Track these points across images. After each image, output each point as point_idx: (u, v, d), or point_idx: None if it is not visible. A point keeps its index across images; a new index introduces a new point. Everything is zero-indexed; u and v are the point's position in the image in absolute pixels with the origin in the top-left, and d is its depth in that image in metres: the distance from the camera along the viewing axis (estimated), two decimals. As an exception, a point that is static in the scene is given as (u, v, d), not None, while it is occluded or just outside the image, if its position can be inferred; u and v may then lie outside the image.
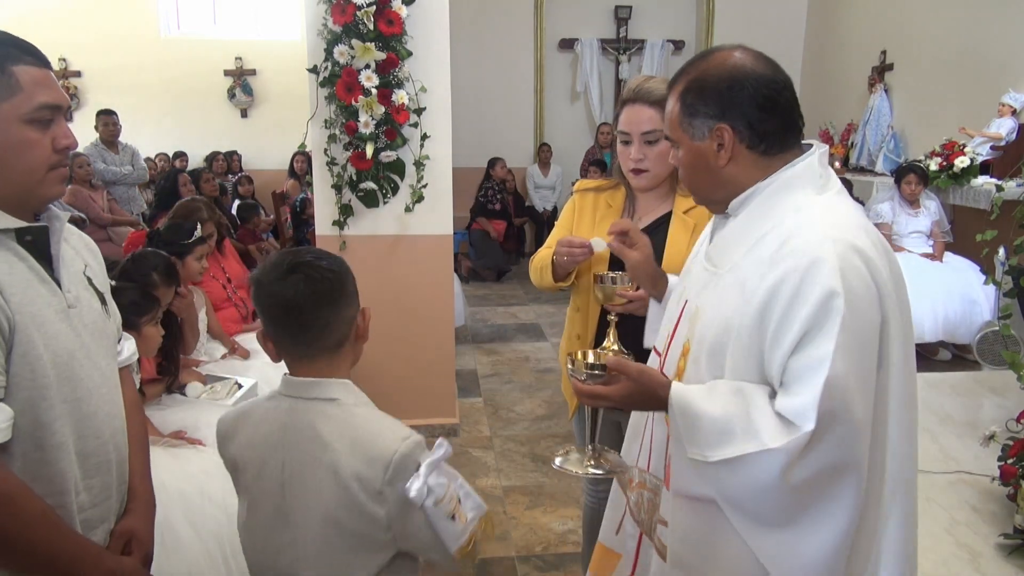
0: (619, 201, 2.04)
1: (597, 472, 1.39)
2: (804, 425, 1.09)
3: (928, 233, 5.31)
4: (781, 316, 1.13)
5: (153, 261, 2.62)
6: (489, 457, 3.77)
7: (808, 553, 1.15)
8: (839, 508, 1.13)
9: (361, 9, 3.33)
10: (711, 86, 1.24)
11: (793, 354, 1.12)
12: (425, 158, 3.63)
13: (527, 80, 8.88)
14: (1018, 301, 2.35)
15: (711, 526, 1.24)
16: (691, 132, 1.27)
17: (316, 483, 1.26)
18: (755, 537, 1.19)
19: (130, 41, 8.45)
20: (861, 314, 1.12)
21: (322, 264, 1.29)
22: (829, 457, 1.11)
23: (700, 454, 1.18)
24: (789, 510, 1.15)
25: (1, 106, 1.16)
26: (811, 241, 1.15)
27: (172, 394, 2.74)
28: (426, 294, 3.88)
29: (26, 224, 1.22)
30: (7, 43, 1.18)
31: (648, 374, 1.27)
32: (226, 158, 8.43)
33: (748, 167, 1.26)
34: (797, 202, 1.22)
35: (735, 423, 1.15)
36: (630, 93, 1.90)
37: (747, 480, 1.14)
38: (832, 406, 1.09)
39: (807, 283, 1.11)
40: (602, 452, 1.41)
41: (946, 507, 1.85)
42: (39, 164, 1.20)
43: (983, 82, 5.83)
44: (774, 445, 1.10)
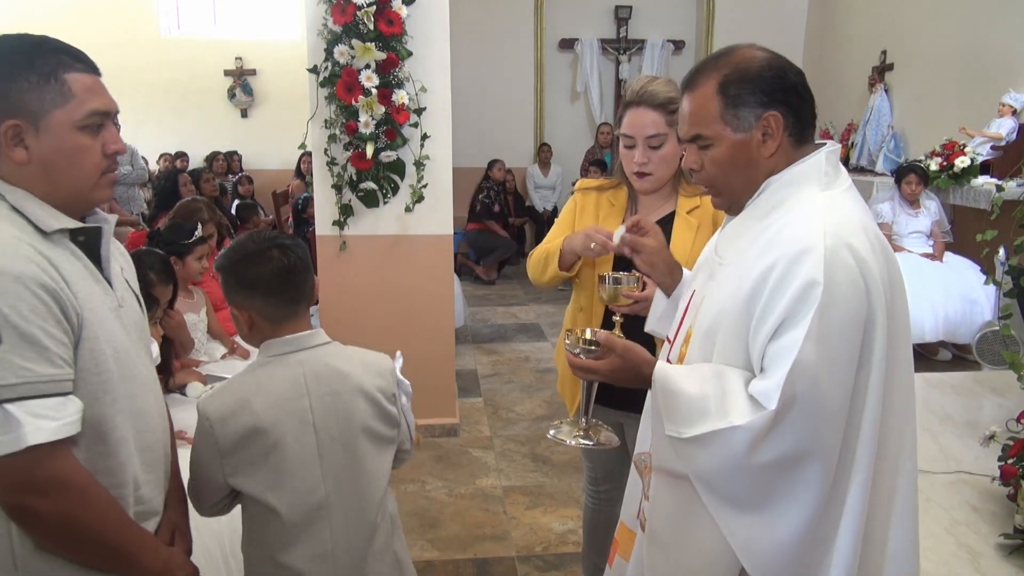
0: (622, 200, 2.03)
1: (586, 443, 1.44)
2: (768, 405, 1.12)
3: (928, 233, 5.31)
4: (765, 302, 1.17)
5: (149, 260, 2.62)
6: (489, 457, 3.77)
7: (772, 538, 1.18)
8: (803, 494, 1.16)
9: (361, 9, 3.33)
10: (755, 74, 1.24)
11: (771, 339, 1.16)
12: (425, 158, 3.63)
13: (527, 80, 8.88)
14: (1018, 301, 2.35)
15: (688, 504, 1.27)
16: (735, 124, 1.25)
17: (349, 407, 1.53)
18: (725, 518, 1.22)
19: (130, 41, 8.44)
20: (841, 308, 1.13)
21: (288, 240, 1.54)
22: (792, 440, 1.14)
23: (676, 431, 1.23)
24: (755, 492, 1.18)
25: (55, 113, 1.18)
26: (804, 232, 1.17)
27: (171, 394, 2.74)
28: (426, 294, 3.88)
29: (82, 225, 1.25)
30: (59, 50, 1.20)
31: (633, 351, 1.32)
32: (226, 158, 8.43)
33: (783, 157, 1.27)
34: (800, 196, 1.24)
35: (710, 402, 1.19)
36: (634, 96, 1.89)
37: (715, 457, 1.19)
38: (797, 390, 1.12)
39: (791, 271, 1.14)
40: (593, 425, 1.46)
41: (946, 507, 1.85)
42: (91, 169, 1.23)
43: (983, 82, 5.83)
44: (739, 422, 1.14)
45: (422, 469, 3.63)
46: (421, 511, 3.25)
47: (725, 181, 1.30)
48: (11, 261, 1.11)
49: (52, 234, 1.19)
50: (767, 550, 1.19)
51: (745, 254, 1.25)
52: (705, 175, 1.32)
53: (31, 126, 1.17)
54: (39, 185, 1.19)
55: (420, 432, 1.67)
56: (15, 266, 1.11)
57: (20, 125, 1.16)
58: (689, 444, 1.21)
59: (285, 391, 1.49)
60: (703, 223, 1.91)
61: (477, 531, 3.10)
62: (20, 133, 1.16)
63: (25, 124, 1.16)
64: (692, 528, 1.27)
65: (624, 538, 1.60)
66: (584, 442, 1.44)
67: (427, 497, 3.37)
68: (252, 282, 1.49)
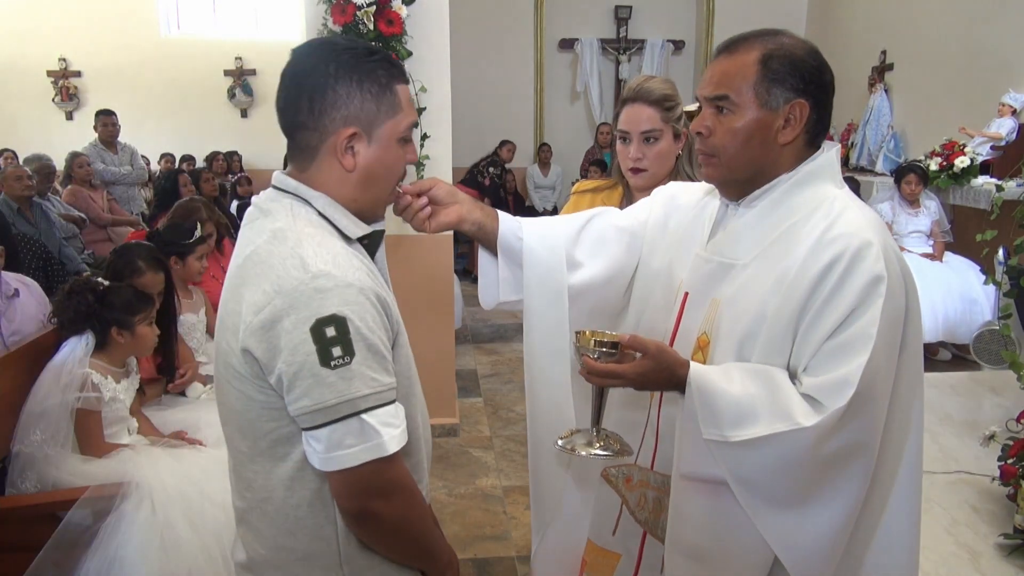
0: (615, 201, 2.04)
1: (604, 454, 1.32)
2: (836, 402, 1.11)
3: (928, 233, 5.31)
4: (826, 298, 1.15)
5: (136, 250, 2.62)
6: (489, 457, 3.77)
7: (813, 533, 1.17)
8: (850, 486, 1.16)
9: (361, 9, 3.33)
10: (801, 58, 1.23)
11: (831, 336, 1.14)
12: (425, 158, 3.63)
13: (527, 80, 8.88)
14: (1016, 302, 2.34)
15: (719, 509, 1.24)
16: (764, 99, 1.22)
17: None
18: (763, 518, 1.20)
19: (130, 41, 8.44)
20: (895, 301, 1.16)
21: None
22: (854, 436, 1.14)
23: (719, 435, 1.18)
24: (802, 489, 1.17)
25: (387, 124, 1.19)
26: (857, 227, 1.17)
27: (169, 395, 2.74)
28: (426, 294, 3.87)
29: (373, 229, 1.27)
30: (389, 60, 1.22)
31: (667, 352, 1.24)
32: (226, 158, 8.42)
33: (794, 152, 1.26)
34: (820, 194, 1.23)
35: (758, 404, 1.16)
36: (630, 92, 1.91)
37: (770, 459, 1.16)
38: (867, 387, 1.12)
39: (855, 266, 1.14)
40: (608, 435, 1.36)
41: (946, 507, 1.85)
42: (395, 180, 1.27)
43: (983, 82, 5.83)
44: (807, 423, 1.12)
45: (422, 469, 3.63)
46: (421, 511, 3.25)
47: (733, 153, 1.25)
48: (353, 273, 1.11)
49: (353, 241, 1.21)
50: (807, 546, 1.18)
51: (778, 255, 1.22)
52: (715, 141, 1.26)
53: (365, 135, 1.18)
54: (349, 192, 1.20)
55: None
56: (357, 278, 1.11)
57: (358, 133, 1.17)
58: (738, 448, 1.17)
59: None
60: None
61: (477, 531, 3.10)
62: (355, 141, 1.17)
63: (361, 132, 1.17)
64: (721, 536, 1.25)
65: (595, 559, 1.56)
66: (602, 453, 1.32)
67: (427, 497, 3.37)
68: None
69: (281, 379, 1.08)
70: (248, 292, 1.11)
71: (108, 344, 2.30)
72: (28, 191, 4.61)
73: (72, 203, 5.49)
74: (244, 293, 1.12)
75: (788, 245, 1.21)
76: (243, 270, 1.15)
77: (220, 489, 2.23)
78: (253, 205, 1.24)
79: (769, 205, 1.26)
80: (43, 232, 4.54)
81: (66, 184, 5.73)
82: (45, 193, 5.16)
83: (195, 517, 2.15)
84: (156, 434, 2.43)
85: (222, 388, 1.21)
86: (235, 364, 1.14)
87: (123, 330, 2.28)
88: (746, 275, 1.25)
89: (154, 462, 2.21)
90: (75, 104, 8.58)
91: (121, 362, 2.35)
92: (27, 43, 8.30)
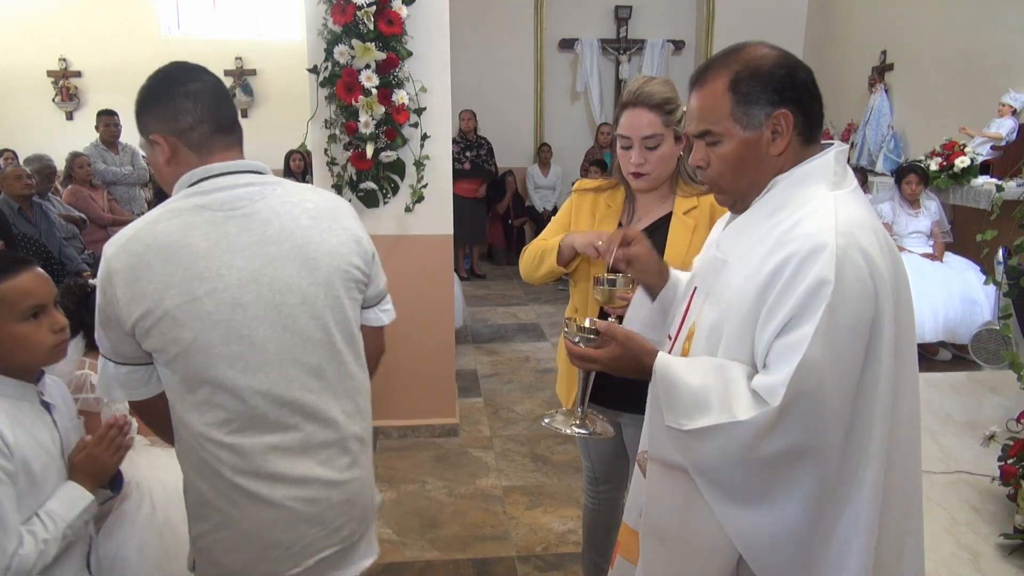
0: (619, 201, 2.03)
1: (582, 432, 1.43)
2: (772, 401, 1.13)
3: (928, 233, 5.31)
4: (775, 298, 1.17)
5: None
6: (489, 457, 3.77)
7: (770, 532, 1.19)
8: (800, 490, 1.17)
9: (361, 9, 3.33)
10: (767, 72, 1.23)
11: (778, 336, 1.16)
12: (425, 158, 3.63)
13: (527, 80, 8.88)
14: (1016, 302, 2.34)
15: (685, 496, 1.27)
16: (745, 121, 1.24)
17: None
18: (723, 510, 1.22)
19: (130, 41, 8.44)
20: (850, 307, 1.13)
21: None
22: (793, 436, 1.14)
23: (676, 422, 1.23)
24: (754, 486, 1.19)
25: None
26: (816, 230, 1.17)
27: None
28: (426, 294, 3.87)
29: None
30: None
31: (634, 340, 1.32)
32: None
33: (793, 153, 1.27)
34: (809, 195, 1.24)
35: (712, 395, 1.19)
36: (630, 96, 1.89)
37: (716, 450, 1.19)
38: (803, 388, 1.12)
39: (803, 269, 1.15)
40: (590, 415, 1.45)
41: (946, 507, 1.85)
42: None
43: (983, 82, 5.83)
44: (743, 417, 1.15)
45: (422, 469, 3.63)
46: (421, 511, 3.25)
47: (732, 179, 1.29)
48: None
49: None
50: (765, 542, 1.20)
51: (752, 251, 1.25)
52: (712, 172, 1.30)
53: None
54: None
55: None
56: None
57: None
58: (689, 436, 1.21)
59: None
60: (700, 223, 1.91)
61: (477, 531, 3.10)
62: None
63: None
64: (690, 519, 1.27)
65: (627, 539, 1.59)
66: (580, 431, 1.44)
67: (427, 497, 3.37)
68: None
69: (374, 279, 1.54)
70: (351, 227, 1.48)
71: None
72: (28, 190, 4.61)
73: (72, 203, 5.50)
74: (342, 230, 1.45)
75: (763, 242, 1.24)
76: (322, 217, 1.43)
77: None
78: (244, 188, 1.37)
79: (762, 204, 1.29)
80: (43, 232, 4.54)
81: (66, 184, 5.73)
82: (45, 193, 5.16)
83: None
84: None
85: (316, 317, 1.39)
86: (355, 278, 1.46)
87: None
88: (729, 269, 1.30)
89: (154, 462, 2.21)
90: (75, 104, 8.58)
91: (120, 362, 2.34)
92: (27, 43, 8.30)
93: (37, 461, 1.43)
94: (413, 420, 3.97)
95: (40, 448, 1.45)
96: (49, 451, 1.48)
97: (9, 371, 1.46)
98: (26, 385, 1.49)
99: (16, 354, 1.45)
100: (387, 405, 3.86)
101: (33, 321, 1.46)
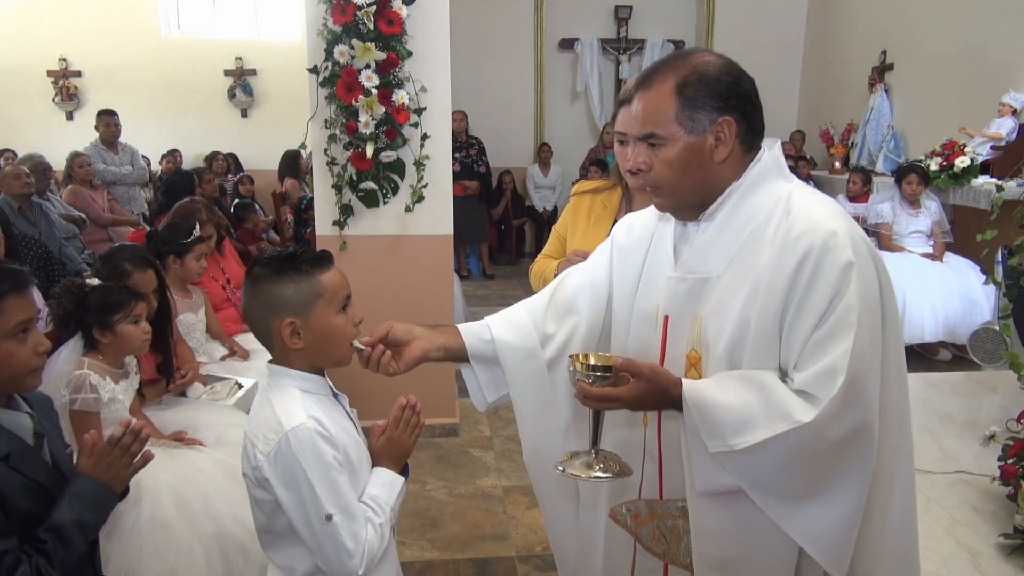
0: (615, 202, 2.07)
1: (604, 476, 1.31)
2: (828, 392, 1.13)
3: (928, 233, 5.32)
4: (803, 294, 1.17)
5: (121, 252, 2.61)
6: (489, 457, 3.77)
7: (834, 519, 1.19)
8: (858, 466, 1.18)
9: (361, 9, 3.33)
10: (713, 78, 1.24)
11: (815, 329, 1.16)
12: (425, 158, 3.63)
13: (527, 80, 8.88)
14: (1014, 309, 2.34)
15: (740, 517, 1.25)
16: (689, 126, 1.24)
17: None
18: (784, 516, 1.21)
19: (130, 41, 8.44)
20: (868, 283, 1.18)
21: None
22: (854, 419, 1.16)
23: (724, 445, 1.19)
24: (818, 478, 1.19)
25: None
26: (818, 219, 1.20)
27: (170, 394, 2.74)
28: (426, 294, 3.87)
29: None
30: None
31: (660, 372, 1.25)
32: (225, 159, 8.41)
33: (734, 163, 1.27)
34: (774, 192, 1.26)
35: (753, 408, 1.17)
36: (626, 93, 1.90)
37: (779, 459, 1.17)
38: (856, 370, 1.14)
39: (826, 258, 1.16)
40: (608, 456, 1.34)
41: (946, 507, 1.85)
42: None
43: (983, 82, 5.83)
44: (806, 419, 1.14)
45: (422, 469, 3.63)
46: (421, 511, 3.25)
47: (675, 183, 1.28)
48: None
49: None
50: (833, 532, 1.20)
51: (748, 261, 1.24)
52: (653, 176, 1.29)
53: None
54: None
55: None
56: None
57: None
58: (744, 454, 1.18)
59: None
60: None
61: (477, 531, 3.10)
62: None
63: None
64: (746, 543, 1.26)
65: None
66: (602, 475, 1.30)
67: (427, 497, 3.37)
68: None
69: None
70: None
71: (97, 345, 2.28)
72: (27, 189, 4.62)
73: (72, 203, 5.49)
74: None
75: (755, 249, 1.23)
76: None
77: (219, 489, 2.23)
78: None
79: (727, 214, 1.28)
80: (43, 232, 4.54)
81: (67, 184, 5.73)
82: (44, 191, 5.16)
83: (193, 518, 2.15)
84: (156, 435, 2.42)
85: None
86: None
87: (104, 330, 2.26)
88: (721, 286, 1.27)
89: (153, 462, 2.21)
90: (75, 104, 8.58)
91: (118, 362, 2.34)
92: (27, 43, 8.30)
93: (353, 450, 1.45)
94: (413, 420, 3.96)
95: (350, 438, 1.46)
96: (357, 440, 1.50)
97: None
98: (322, 379, 1.49)
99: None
100: (387, 405, 3.85)
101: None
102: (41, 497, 1.40)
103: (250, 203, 6.74)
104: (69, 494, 1.42)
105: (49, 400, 1.62)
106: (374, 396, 1.59)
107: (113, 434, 1.47)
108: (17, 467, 1.36)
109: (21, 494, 1.36)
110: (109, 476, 1.46)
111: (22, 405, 1.46)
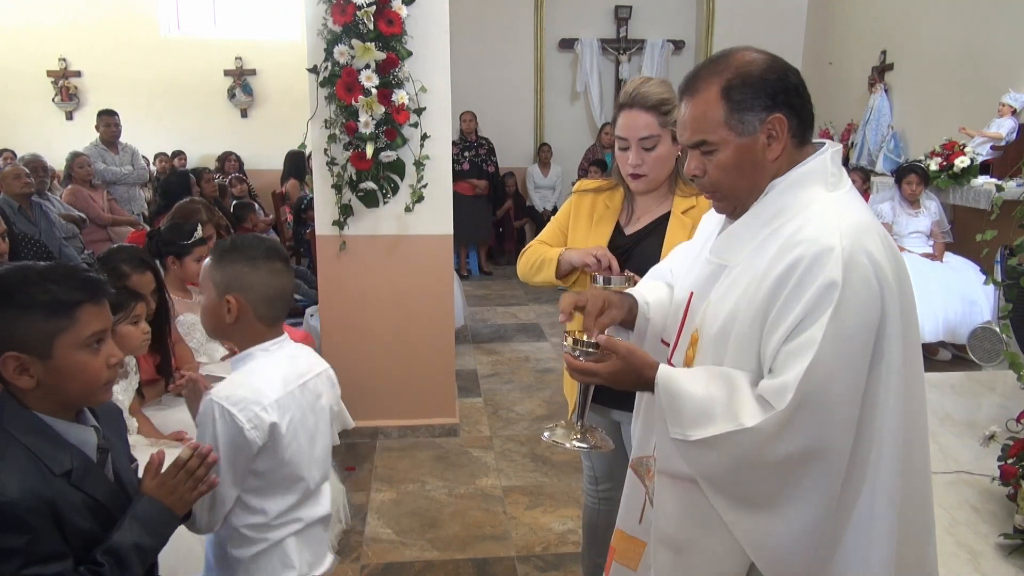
0: (617, 202, 2.05)
1: (582, 446, 1.43)
2: (779, 404, 1.12)
3: (928, 233, 5.31)
4: (784, 302, 1.17)
5: (118, 254, 2.60)
6: (489, 457, 3.77)
7: (783, 536, 1.18)
8: (810, 493, 1.16)
9: (361, 9, 3.33)
10: (759, 77, 1.23)
11: (786, 340, 1.16)
12: (425, 158, 3.63)
13: (527, 80, 8.88)
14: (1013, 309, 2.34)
15: (694, 507, 1.27)
16: (740, 128, 1.24)
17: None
18: (733, 518, 1.22)
19: (130, 41, 8.44)
20: (857, 309, 1.14)
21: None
22: (802, 440, 1.14)
23: (681, 433, 1.22)
24: (763, 491, 1.19)
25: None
26: (822, 232, 1.17)
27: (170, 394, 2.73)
28: (426, 294, 3.87)
29: None
30: None
31: (636, 354, 1.30)
32: (237, 159, 8.40)
33: (787, 159, 1.27)
34: (808, 198, 1.24)
35: (715, 404, 1.19)
36: (627, 98, 1.90)
37: (723, 459, 1.19)
38: (811, 390, 1.12)
39: (811, 273, 1.15)
40: (589, 428, 1.45)
41: (946, 507, 1.85)
42: None
43: (983, 82, 5.83)
44: (750, 424, 1.14)
45: (422, 469, 3.63)
46: (421, 511, 3.25)
47: (731, 186, 1.28)
48: None
49: None
50: (777, 548, 1.20)
51: (754, 256, 1.25)
52: (709, 180, 1.29)
53: None
54: None
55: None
56: None
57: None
58: (696, 446, 1.20)
59: None
60: (697, 223, 1.92)
61: (477, 531, 3.10)
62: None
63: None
64: (699, 530, 1.27)
65: (624, 546, 1.57)
66: (580, 445, 1.43)
67: (427, 497, 3.37)
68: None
69: None
70: None
71: None
72: (27, 188, 4.62)
73: (72, 203, 5.49)
74: None
75: (767, 249, 1.23)
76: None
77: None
78: None
79: (757, 208, 1.28)
80: (43, 232, 4.54)
81: (67, 184, 5.73)
82: (43, 191, 5.16)
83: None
84: (156, 435, 2.42)
85: None
86: None
87: None
88: (732, 276, 1.28)
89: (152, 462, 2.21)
90: (75, 104, 8.58)
91: (118, 362, 2.33)
92: (27, 43, 8.29)
93: None
94: (413, 420, 3.97)
95: None
96: None
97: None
98: None
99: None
100: (387, 405, 3.86)
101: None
102: (101, 516, 1.33)
103: (249, 203, 6.74)
104: (130, 516, 1.35)
105: (118, 411, 1.56)
106: (374, 396, 1.59)
107: (180, 456, 1.42)
108: (79, 484, 1.29)
109: (81, 513, 1.28)
110: (172, 499, 1.41)
111: (89, 419, 1.39)
